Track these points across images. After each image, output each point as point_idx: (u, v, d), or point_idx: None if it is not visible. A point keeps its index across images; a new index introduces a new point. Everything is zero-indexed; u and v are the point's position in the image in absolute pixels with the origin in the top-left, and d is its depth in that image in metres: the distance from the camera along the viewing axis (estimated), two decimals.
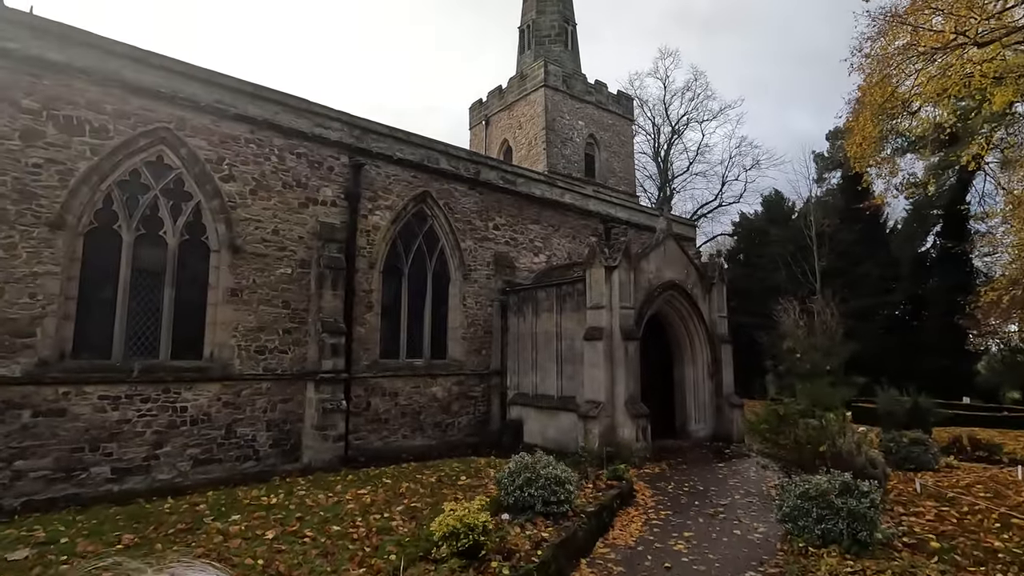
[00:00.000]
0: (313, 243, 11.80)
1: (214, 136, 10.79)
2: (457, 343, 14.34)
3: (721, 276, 14.53)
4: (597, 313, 11.84)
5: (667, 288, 13.03)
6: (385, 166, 13.27)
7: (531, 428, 13.56)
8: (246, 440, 10.68)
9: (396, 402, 12.95)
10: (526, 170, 16.69)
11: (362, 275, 12.65)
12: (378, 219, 13.05)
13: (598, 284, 11.90)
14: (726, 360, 14.16)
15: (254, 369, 10.89)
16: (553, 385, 13.14)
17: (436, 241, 14.31)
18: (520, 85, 31.05)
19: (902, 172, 23.32)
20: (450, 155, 14.54)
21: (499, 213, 15.68)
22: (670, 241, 13.51)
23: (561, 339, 13.12)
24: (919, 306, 36.22)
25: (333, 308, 11.54)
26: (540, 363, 13.62)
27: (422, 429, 13.32)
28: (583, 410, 11.52)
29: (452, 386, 14.03)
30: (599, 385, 11.50)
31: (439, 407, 13.71)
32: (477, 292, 14.83)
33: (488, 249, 15.24)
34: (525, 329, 14.15)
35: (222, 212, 10.73)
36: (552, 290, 13.48)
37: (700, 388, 13.86)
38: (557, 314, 13.25)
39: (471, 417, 14.32)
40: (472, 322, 14.64)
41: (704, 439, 13.57)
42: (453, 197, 14.61)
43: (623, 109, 33.39)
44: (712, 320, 14.24)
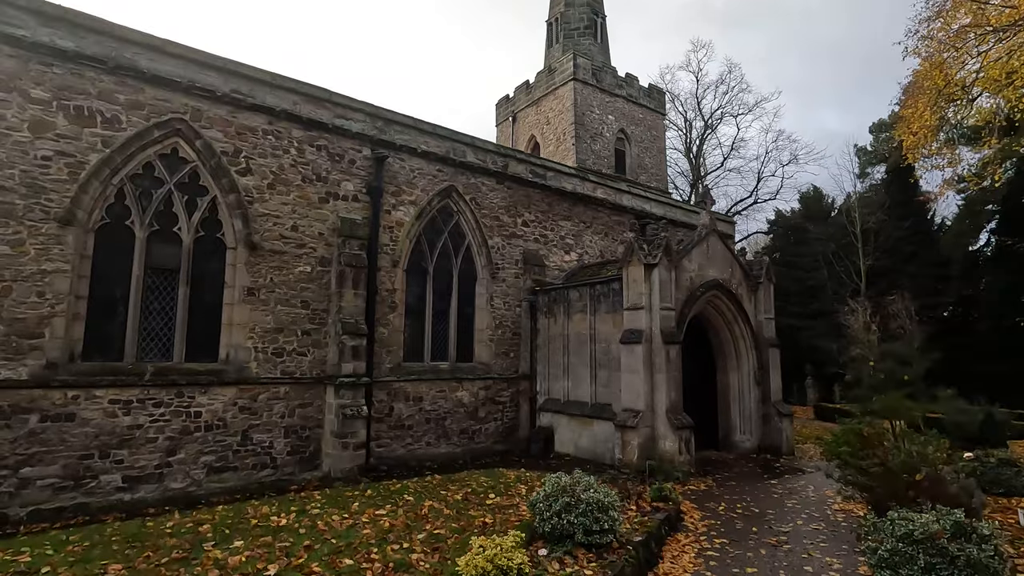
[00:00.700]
0: (333, 240, 11.21)
1: (231, 127, 10.28)
2: (484, 345, 13.61)
3: (768, 275, 13.47)
4: (635, 314, 10.96)
5: (710, 288, 12.06)
6: (409, 159, 12.63)
7: (562, 436, 12.74)
8: (263, 447, 10.13)
9: (420, 407, 12.29)
10: (556, 164, 15.90)
11: (385, 274, 12.02)
12: (401, 215, 12.40)
13: (636, 283, 11.02)
14: (773, 365, 13.10)
15: (271, 372, 10.35)
16: (587, 391, 12.29)
17: (462, 238, 13.61)
18: (548, 79, 30.23)
19: (962, 163, 21.65)
20: (477, 148, 13.83)
21: (528, 209, 14.90)
22: (713, 237, 12.53)
23: (595, 342, 12.26)
24: (970, 307, 34.14)
25: (354, 308, 10.93)
26: (572, 368, 12.79)
27: (447, 436, 12.63)
28: (620, 419, 10.66)
29: (479, 391, 13.31)
30: (637, 393, 10.62)
31: (465, 413, 13.00)
32: (505, 292, 14.08)
33: (516, 247, 14.48)
34: (556, 331, 13.34)
35: (239, 207, 10.21)
36: (585, 290, 12.64)
37: (745, 396, 12.84)
38: (591, 315, 12.41)
39: (499, 423, 13.58)
40: (500, 323, 13.90)
41: (750, 451, 12.54)
42: (480, 192, 13.89)
43: (655, 103, 32.26)
44: (758, 322, 13.20)
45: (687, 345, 11.83)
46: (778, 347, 13.39)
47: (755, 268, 13.47)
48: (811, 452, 13.65)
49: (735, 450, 12.59)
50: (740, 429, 12.77)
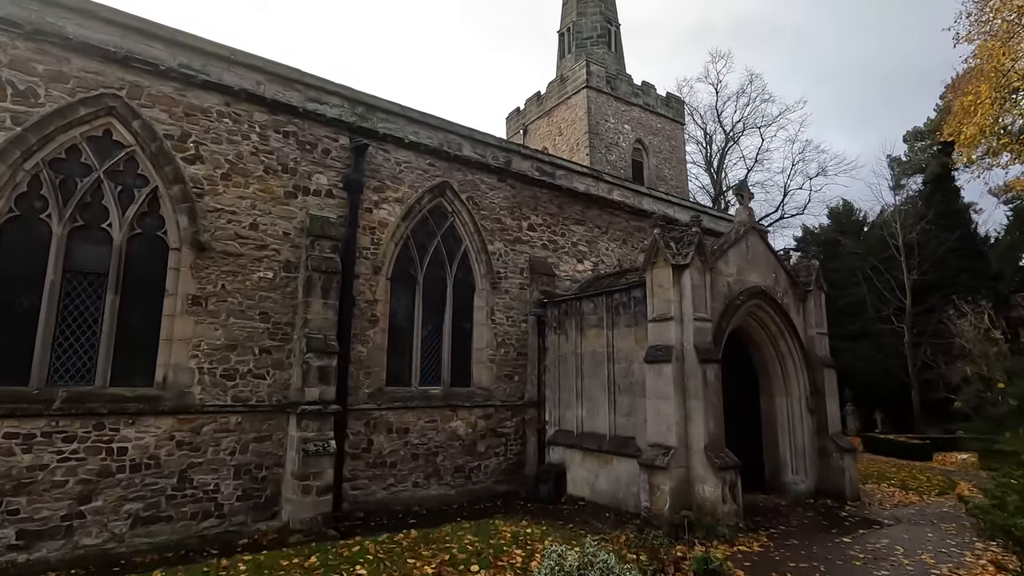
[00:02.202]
0: (302, 241, 9.50)
1: (178, 107, 8.72)
2: (483, 367, 11.67)
3: (819, 282, 11.39)
4: (662, 327, 8.97)
5: (751, 296, 10.03)
6: (395, 151, 10.96)
7: (576, 476, 10.64)
8: (206, 491, 8.26)
9: (406, 441, 10.33)
10: (567, 161, 14.14)
11: (364, 282, 10.25)
12: (385, 214, 10.68)
13: (663, 289, 9.06)
14: (829, 389, 10.92)
15: (220, 399, 8.54)
16: (604, 422, 10.24)
17: (458, 243, 11.82)
18: (560, 89, 28.82)
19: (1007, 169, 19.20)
20: (475, 140, 12.14)
21: (535, 211, 13.10)
22: (753, 236, 10.55)
23: (614, 362, 10.26)
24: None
25: (323, 321, 9.12)
26: (587, 393, 10.76)
27: (438, 475, 10.62)
28: (647, 457, 8.58)
29: (477, 420, 11.32)
30: (668, 424, 8.56)
31: (461, 447, 11.01)
32: (508, 305, 12.19)
33: (521, 253, 12.64)
34: (567, 349, 11.36)
35: (185, 200, 8.58)
36: (601, 299, 10.70)
37: (796, 426, 10.65)
38: (608, 330, 10.43)
39: (501, 459, 11.53)
40: (502, 341, 11.97)
41: (805, 495, 10.29)
42: (479, 190, 12.15)
43: (673, 112, 30.62)
44: (809, 338, 11.08)
45: (725, 365, 9.77)
46: (834, 368, 11.22)
47: (802, 274, 11.41)
48: (878, 495, 11.32)
49: (787, 493, 10.36)
50: (792, 467, 10.54)
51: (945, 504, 10.48)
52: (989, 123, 15.34)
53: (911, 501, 10.75)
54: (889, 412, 36.46)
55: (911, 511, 9.81)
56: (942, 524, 8.82)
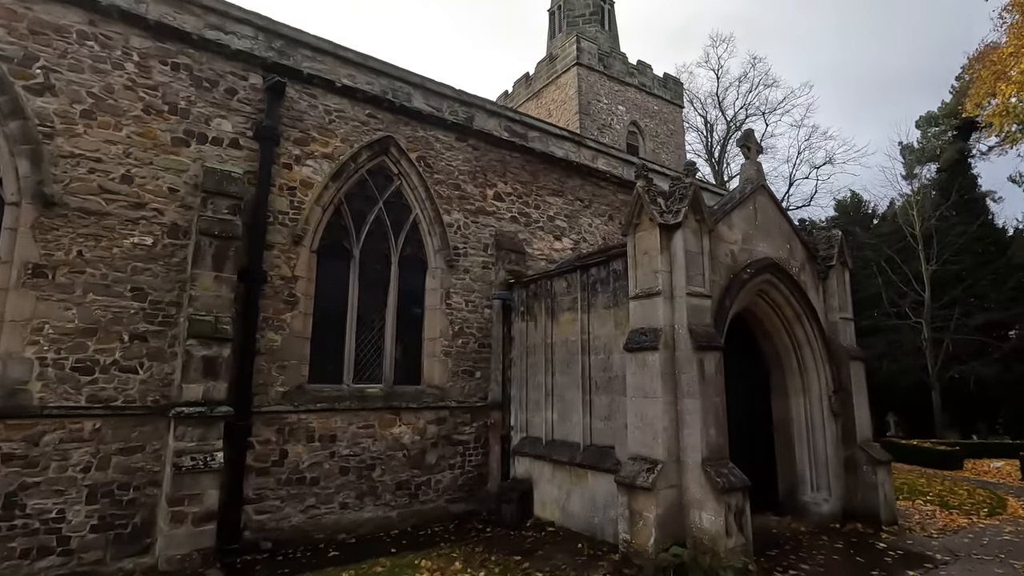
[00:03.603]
0: (195, 201, 7.53)
1: (20, 23, 6.77)
2: (436, 361, 9.67)
3: (842, 256, 9.37)
4: (647, 305, 6.96)
5: (761, 270, 8.02)
6: (324, 96, 9.00)
7: (544, 494, 8.62)
8: (44, 520, 6.27)
9: (333, 451, 8.33)
10: (542, 121, 12.16)
11: (280, 254, 8.27)
12: (310, 172, 8.71)
13: (648, 257, 7.05)
14: (857, 386, 8.88)
15: (71, 398, 6.56)
16: (578, 427, 8.22)
17: (406, 211, 9.84)
18: (549, 68, 26.86)
19: None
20: (427, 90, 10.16)
21: (503, 178, 11.11)
22: (763, 197, 8.54)
23: (590, 352, 8.25)
24: None
25: (213, 300, 7.13)
26: (558, 391, 8.76)
27: (375, 493, 8.61)
28: (627, 474, 6.55)
29: (427, 425, 9.31)
30: (654, 430, 6.54)
31: (406, 458, 8.99)
32: (468, 287, 10.19)
33: (486, 227, 10.65)
34: (536, 339, 9.36)
35: (26, 142, 6.62)
36: (575, 276, 8.69)
37: (817, 432, 8.61)
38: (583, 313, 8.43)
39: (457, 473, 9.52)
40: (460, 330, 9.97)
41: (829, 518, 8.25)
42: (433, 150, 10.17)
43: (671, 94, 28.65)
44: (831, 324, 9.06)
45: (727, 355, 7.76)
46: (862, 360, 9.18)
47: (822, 246, 9.39)
48: (916, 516, 9.27)
49: (806, 516, 8.32)
50: (812, 483, 8.51)
51: (1003, 529, 8.43)
52: None
53: (959, 525, 8.70)
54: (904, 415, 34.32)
55: (964, 540, 7.77)
56: (1013, 560, 6.77)
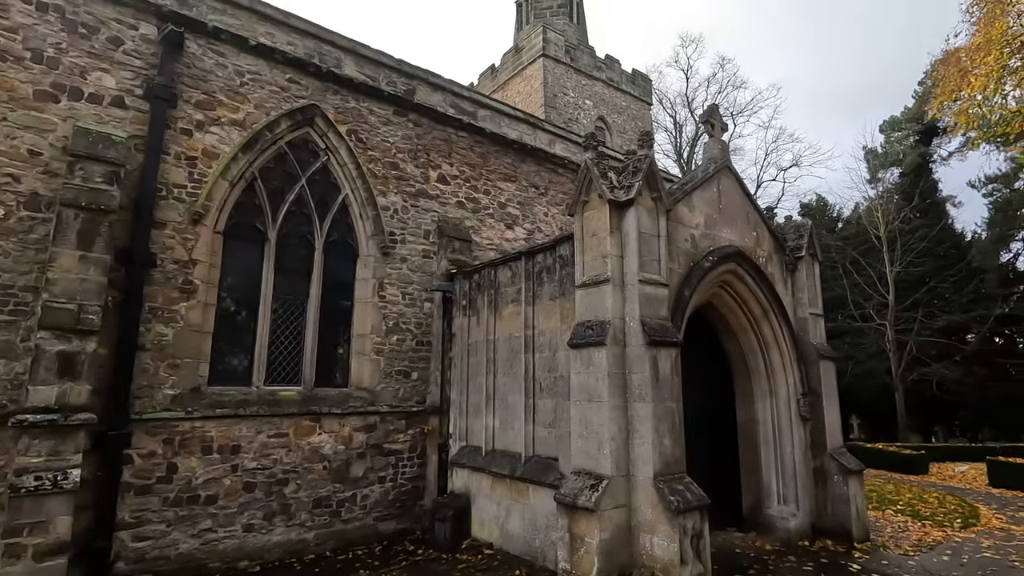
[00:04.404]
0: (63, 167, 6.29)
1: None
2: (367, 361, 8.57)
3: (813, 248, 8.64)
4: (595, 295, 6.02)
5: (725, 258, 7.18)
6: (235, 55, 7.84)
7: (483, 511, 7.61)
8: None
9: (235, 464, 7.15)
10: (494, 100, 11.17)
11: (174, 233, 7.07)
12: (215, 141, 7.53)
13: (597, 239, 6.12)
14: (827, 388, 8.13)
15: None
16: (520, 435, 7.23)
17: (334, 191, 8.73)
18: (515, 59, 25.99)
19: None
20: (361, 57, 9.08)
21: (448, 158, 10.08)
22: (727, 178, 7.72)
23: (534, 350, 7.28)
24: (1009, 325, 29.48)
25: (76, 285, 5.90)
26: (500, 394, 7.76)
27: (287, 512, 7.45)
28: (567, 492, 5.58)
29: (353, 433, 8.20)
30: (599, 440, 5.59)
31: (327, 471, 7.86)
32: (405, 277, 9.12)
33: (428, 212, 9.60)
34: (478, 335, 8.35)
35: None
36: (520, 264, 7.71)
37: (785, 439, 7.82)
38: (527, 305, 7.46)
39: (388, 487, 8.42)
40: (395, 326, 8.89)
41: (797, 534, 7.44)
42: (367, 124, 9.08)
43: (639, 91, 28.07)
44: (801, 320, 8.30)
45: (687, 354, 6.90)
46: (833, 360, 8.45)
47: (791, 235, 8.65)
48: (888, 529, 8.58)
49: (772, 532, 7.51)
50: (779, 495, 7.70)
51: (980, 544, 7.77)
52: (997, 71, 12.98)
53: (935, 539, 8.01)
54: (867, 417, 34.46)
55: (943, 557, 7.05)
56: None
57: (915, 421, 27.59)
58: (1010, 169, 29.55)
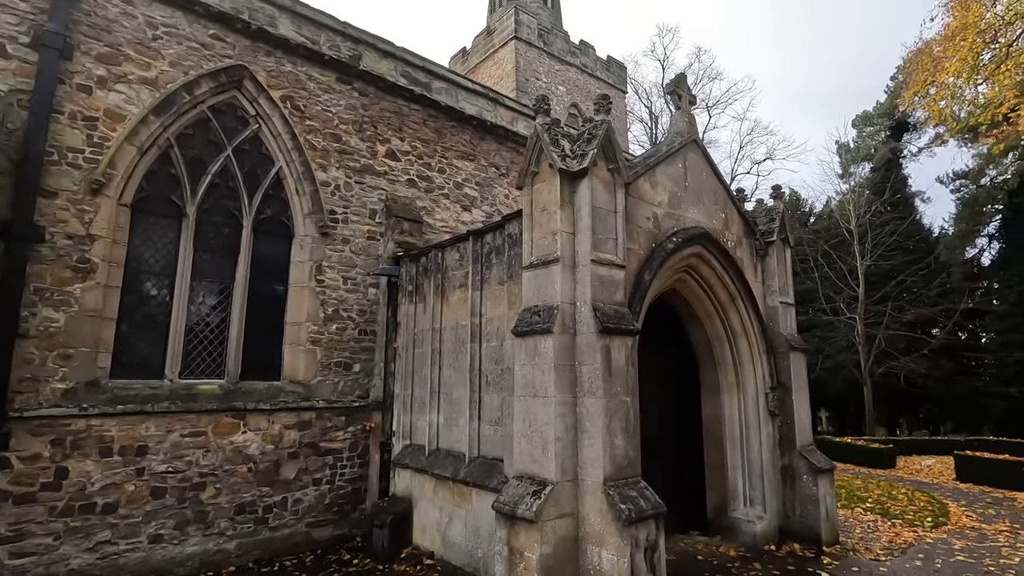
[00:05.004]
0: None
1: None
2: (301, 351, 7.78)
3: (784, 232, 8.11)
4: (543, 276, 5.35)
5: (691, 240, 6.57)
6: (146, 4, 6.92)
7: (425, 517, 6.91)
8: None
9: (142, 467, 6.32)
10: (451, 71, 10.37)
11: (68, 204, 6.17)
12: (121, 100, 6.63)
13: (547, 214, 5.43)
14: (797, 382, 7.62)
15: None
16: (465, 433, 6.54)
17: (266, 163, 7.88)
18: (487, 42, 25.14)
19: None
20: (300, 16, 8.21)
21: (398, 132, 9.29)
22: (695, 154, 7.11)
23: (481, 340, 6.58)
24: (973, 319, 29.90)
25: None
26: (446, 388, 7.06)
27: (204, 520, 6.65)
28: (507, 500, 4.91)
29: (285, 431, 7.41)
30: (543, 440, 4.94)
31: (252, 474, 7.07)
32: (348, 260, 8.33)
33: (374, 189, 8.81)
34: (424, 324, 7.62)
35: None
36: (467, 245, 7.00)
37: (752, 436, 7.29)
38: (475, 291, 6.75)
39: (325, 489, 7.66)
40: (335, 313, 8.11)
41: (763, 538, 6.93)
42: (305, 90, 8.24)
43: (614, 78, 27.49)
44: (771, 309, 7.78)
45: (647, 345, 6.31)
46: (804, 351, 7.96)
47: (762, 219, 8.11)
48: (858, 529, 8.16)
49: (738, 536, 6.98)
50: (745, 496, 7.18)
51: (952, 545, 7.38)
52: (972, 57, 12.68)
53: (906, 540, 7.60)
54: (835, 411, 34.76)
55: (915, 562, 6.61)
56: None
57: (881, 414, 27.81)
58: (977, 165, 29.89)
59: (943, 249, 30.02)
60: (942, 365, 25.60)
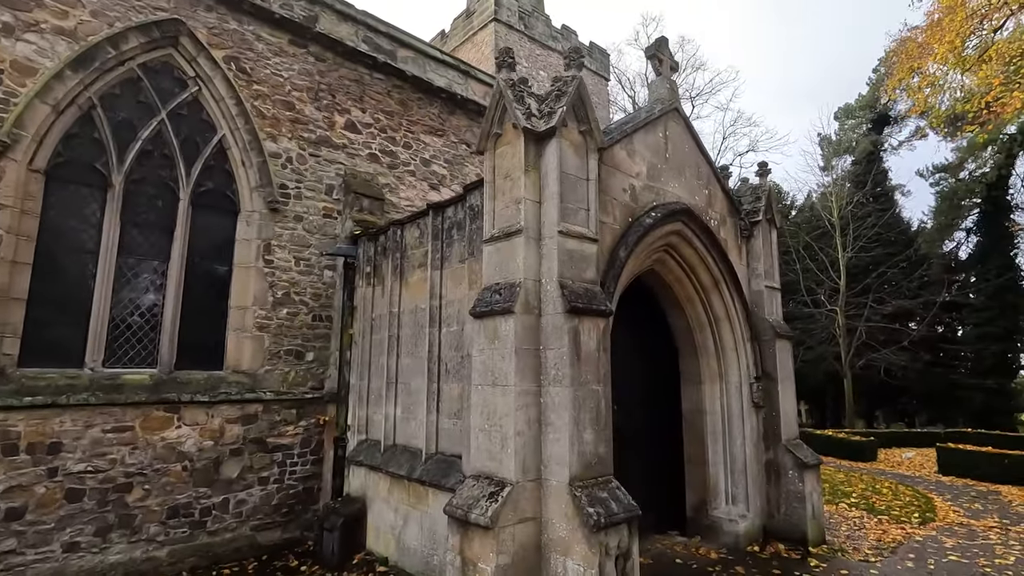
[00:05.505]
0: None
1: None
2: (247, 338, 7.08)
3: (770, 213, 7.61)
4: (504, 250, 4.73)
5: (671, 216, 6.01)
6: None
7: (379, 519, 6.30)
8: None
9: (55, 467, 5.60)
10: (419, 40, 9.65)
11: None
12: (31, 52, 5.85)
13: (511, 180, 4.81)
14: (783, 371, 7.14)
15: None
16: (422, 426, 5.93)
17: (208, 131, 7.14)
18: (466, 25, 24.37)
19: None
20: None
21: (360, 103, 8.59)
22: (676, 123, 6.54)
23: (440, 323, 5.96)
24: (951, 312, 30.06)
25: None
26: (404, 378, 6.43)
27: (130, 525, 5.96)
28: (461, 503, 4.31)
29: (227, 426, 6.72)
30: (502, 434, 4.35)
31: (188, 473, 6.38)
32: (301, 239, 7.64)
33: (332, 163, 8.11)
34: (382, 308, 6.97)
35: None
36: (426, 221, 6.36)
37: (735, 429, 6.79)
38: (434, 270, 6.12)
39: (273, 489, 7.00)
40: (287, 296, 7.42)
41: (746, 538, 6.44)
42: (253, 52, 7.49)
43: (597, 65, 26.90)
44: (756, 293, 7.28)
45: (624, 329, 5.76)
46: (790, 339, 7.48)
47: (747, 198, 7.59)
48: (843, 526, 7.74)
49: (719, 536, 6.49)
50: (728, 494, 6.69)
51: (943, 543, 6.98)
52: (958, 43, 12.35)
53: (894, 538, 7.19)
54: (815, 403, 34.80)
55: (906, 563, 6.18)
56: None
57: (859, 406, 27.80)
58: (957, 159, 29.96)
59: (923, 242, 30.10)
60: (921, 357, 25.64)
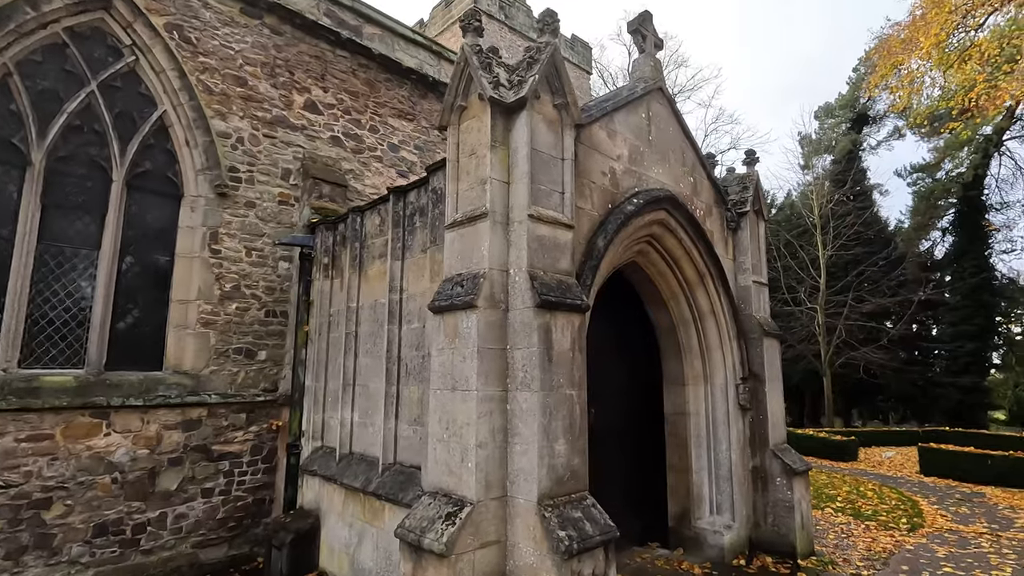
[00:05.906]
0: None
1: None
2: (190, 336, 6.42)
3: (758, 204, 7.19)
4: (468, 236, 4.19)
5: (654, 203, 5.53)
6: None
7: (333, 535, 5.71)
8: None
9: None
10: (387, 16, 9.01)
11: None
12: None
13: (476, 159, 4.26)
14: (771, 372, 6.73)
15: None
16: (380, 433, 5.35)
17: (146, 106, 6.46)
18: (445, 14, 23.69)
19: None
20: None
21: (321, 82, 7.95)
22: (660, 103, 6.06)
23: (401, 320, 5.39)
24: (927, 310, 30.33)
25: None
26: (362, 379, 5.85)
27: (48, 546, 5.29)
28: (414, 525, 3.76)
29: (165, 432, 6.07)
30: (463, 446, 3.81)
31: (118, 486, 5.72)
32: (254, 228, 6.99)
33: (289, 145, 7.47)
34: (340, 302, 6.38)
35: None
36: (387, 207, 5.78)
37: (721, 432, 6.35)
38: (395, 260, 5.54)
39: (218, 502, 6.37)
40: (236, 290, 6.77)
41: (731, 550, 6.00)
42: (200, 20, 6.81)
43: (579, 58, 26.47)
44: (743, 289, 6.85)
45: (602, 327, 5.27)
46: (778, 338, 7.07)
47: (734, 188, 7.16)
48: (831, 534, 7.37)
49: (703, 547, 6.04)
50: (712, 503, 6.25)
51: (936, 552, 6.64)
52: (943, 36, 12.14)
53: (884, 547, 6.84)
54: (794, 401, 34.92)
55: (900, 575, 5.79)
56: None
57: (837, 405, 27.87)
58: (934, 158, 30.21)
59: (900, 241, 30.33)
60: (899, 356, 25.76)
